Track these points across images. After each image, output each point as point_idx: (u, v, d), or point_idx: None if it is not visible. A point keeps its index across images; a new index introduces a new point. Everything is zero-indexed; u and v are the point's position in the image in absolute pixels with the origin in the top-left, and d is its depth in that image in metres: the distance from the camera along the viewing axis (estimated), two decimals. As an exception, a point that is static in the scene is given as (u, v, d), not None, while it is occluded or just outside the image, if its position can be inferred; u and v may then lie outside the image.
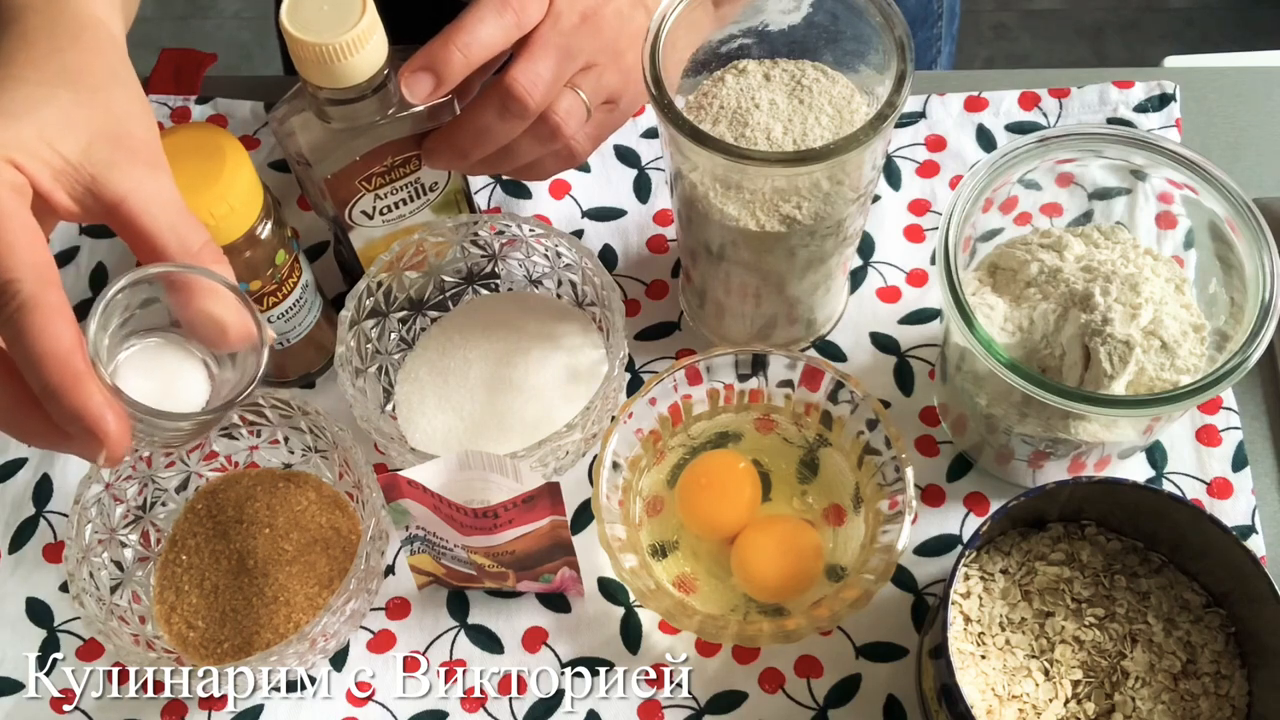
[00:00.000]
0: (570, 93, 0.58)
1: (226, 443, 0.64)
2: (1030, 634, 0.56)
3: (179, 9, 1.99)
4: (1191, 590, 0.56)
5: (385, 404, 0.66)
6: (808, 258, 0.60)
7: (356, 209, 0.62)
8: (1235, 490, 0.63)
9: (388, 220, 0.63)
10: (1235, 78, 0.76)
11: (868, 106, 0.59)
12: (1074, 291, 0.57)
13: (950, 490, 0.64)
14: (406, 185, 0.62)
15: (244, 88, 0.80)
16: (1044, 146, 0.57)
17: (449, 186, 0.64)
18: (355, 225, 0.63)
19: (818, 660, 0.60)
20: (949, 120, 0.75)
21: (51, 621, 0.63)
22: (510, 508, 0.54)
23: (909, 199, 0.73)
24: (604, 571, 0.62)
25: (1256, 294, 0.54)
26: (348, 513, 0.64)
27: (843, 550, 0.61)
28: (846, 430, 0.61)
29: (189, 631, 0.61)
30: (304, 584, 0.61)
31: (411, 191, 0.63)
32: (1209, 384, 0.52)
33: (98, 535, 0.60)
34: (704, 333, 0.69)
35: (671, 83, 0.56)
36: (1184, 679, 0.54)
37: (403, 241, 0.64)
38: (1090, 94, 0.74)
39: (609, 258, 0.72)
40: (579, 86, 0.59)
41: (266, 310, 0.62)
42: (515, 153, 0.60)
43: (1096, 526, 0.58)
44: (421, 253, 0.65)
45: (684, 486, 0.62)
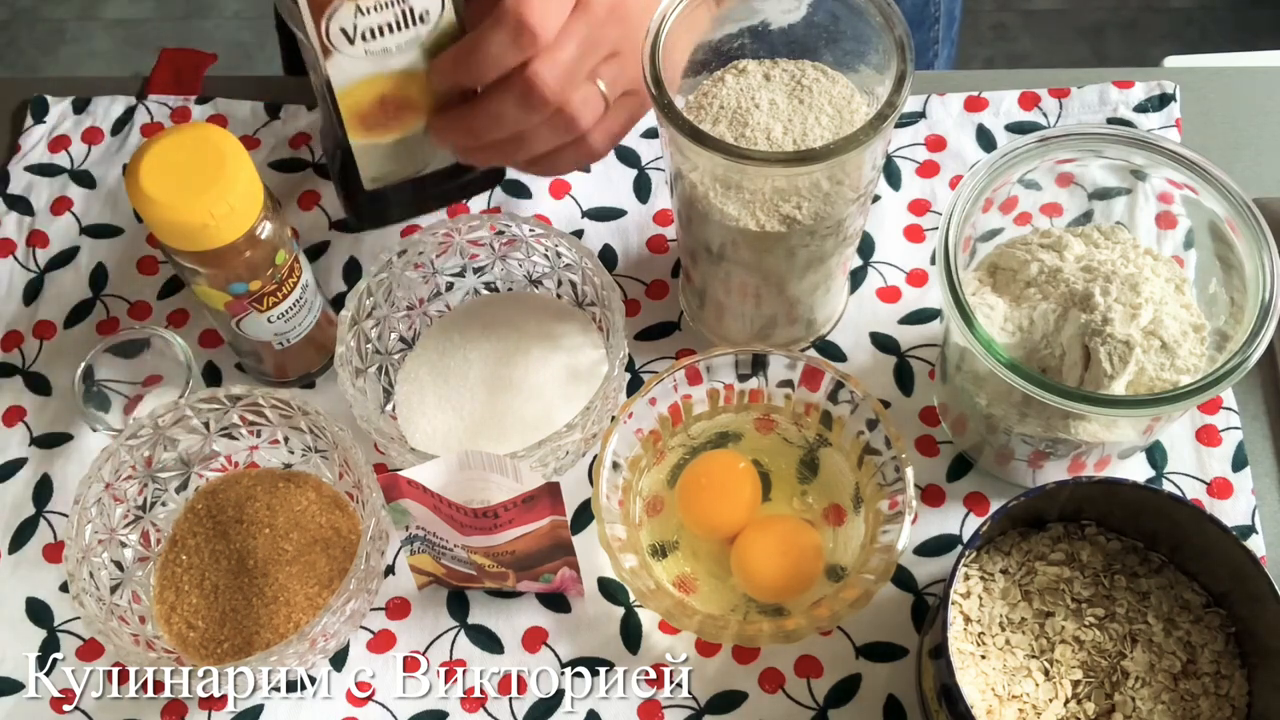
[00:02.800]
0: (589, 84, 0.57)
1: (226, 443, 0.64)
2: (1030, 634, 0.56)
3: (179, 9, 1.99)
4: (1191, 590, 0.56)
5: (385, 404, 0.66)
6: (808, 258, 0.60)
7: (335, 22, 0.54)
8: (1235, 490, 0.63)
9: (371, 53, 0.56)
10: (1235, 78, 0.76)
11: (868, 106, 0.59)
12: (1074, 291, 0.57)
13: (950, 490, 0.64)
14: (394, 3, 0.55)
15: (244, 88, 0.80)
16: (1044, 146, 0.57)
17: (442, 22, 0.56)
18: (334, 50, 0.55)
19: (818, 660, 0.60)
20: (949, 120, 0.75)
21: (51, 621, 0.63)
22: (510, 508, 0.54)
23: (909, 199, 0.73)
24: (604, 571, 0.62)
25: (1256, 294, 0.54)
26: (348, 513, 0.64)
27: (843, 550, 0.61)
28: (846, 430, 0.61)
29: (189, 631, 0.61)
30: (304, 584, 0.61)
31: (399, 13, 0.56)
32: (1209, 384, 0.52)
33: (98, 535, 0.60)
34: (704, 333, 0.69)
35: (672, 82, 0.56)
36: (1184, 679, 0.54)
37: (404, 241, 0.64)
38: (1090, 94, 0.74)
39: (609, 258, 0.72)
40: (600, 76, 0.57)
41: (266, 310, 0.62)
42: (529, 142, 0.58)
43: (1096, 526, 0.58)
44: (421, 253, 0.65)
45: (684, 486, 0.62)
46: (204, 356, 0.70)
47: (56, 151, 0.77)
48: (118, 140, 0.77)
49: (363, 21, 0.55)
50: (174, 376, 0.66)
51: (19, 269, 0.74)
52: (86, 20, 1.97)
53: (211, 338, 0.71)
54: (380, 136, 0.59)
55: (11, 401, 0.69)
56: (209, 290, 0.61)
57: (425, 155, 0.62)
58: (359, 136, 0.58)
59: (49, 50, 1.94)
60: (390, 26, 0.56)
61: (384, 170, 0.61)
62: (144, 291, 0.72)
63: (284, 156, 0.76)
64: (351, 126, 0.58)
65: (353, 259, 0.73)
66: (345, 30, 0.55)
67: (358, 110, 0.57)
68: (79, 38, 1.95)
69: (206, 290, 0.61)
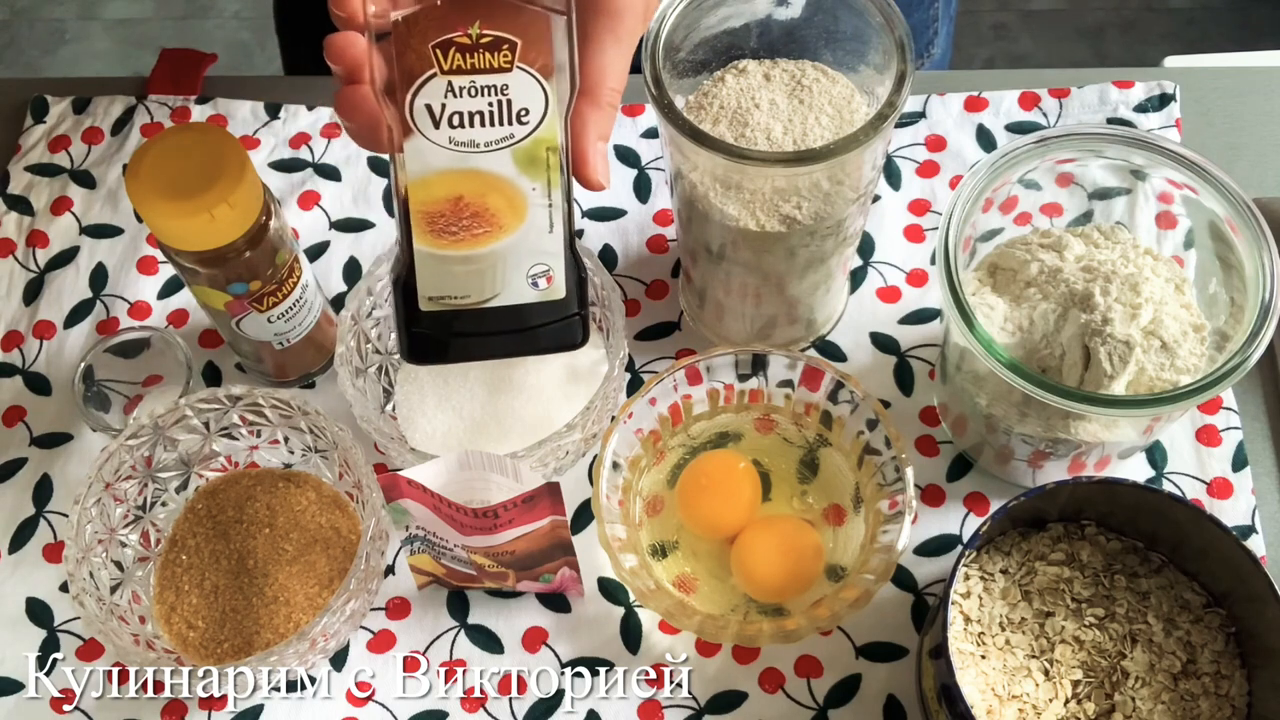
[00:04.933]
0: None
1: (226, 443, 0.64)
2: (1030, 634, 0.56)
3: (179, 9, 1.99)
4: (1191, 590, 0.56)
5: (385, 404, 0.66)
6: (808, 258, 0.60)
7: (421, 100, 0.48)
8: (1235, 490, 0.63)
9: (455, 144, 0.49)
10: (1235, 78, 0.76)
11: (868, 106, 0.59)
12: (1074, 291, 0.57)
13: (950, 490, 0.64)
14: (491, 90, 0.49)
15: (244, 88, 0.80)
16: (1044, 146, 0.57)
17: (543, 127, 0.49)
18: (415, 131, 0.49)
19: (818, 660, 0.60)
20: (949, 120, 0.75)
21: (51, 621, 0.63)
22: (510, 508, 0.54)
23: (909, 199, 0.73)
24: (604, 571, 0.62)
25: (1256, 294, 0.54)
26: (348, 513, 0.64)
27: (843, 550, 0.61)
28: (846, 430, 0.61)
29: (189, 631, 0.61)
30: (304, 584, 0.61)
31: (495, 105, 0.49)
32: (1209, 384, 0.52)
33: (98, 535, 0.60)
34: (704, 333, 0.69)
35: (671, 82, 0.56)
36: (1184, 679, 0.54)
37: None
38: (1090, 94, 0.74)
39: (609, 258, 0.72)
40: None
41: (266, 310, 0.62)
42: None
43: (1096, 526, 0.58)
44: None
45: (684, 486, 0.62)
46: (204, 356, 0.70)
47: (56, 151, 0.77)
48: (118, 140, 0.77)
49: (453, 103, 0.49)
50: (174, 376, 0.66)
51: (19, 269, 0.74)
52: (86, 20, 1.97)
53: (211, 338, 0.71)
54: (447, 247, 0.51)
55: (11, 401, 0.69)
56: (209, 290, 0.61)
57: (494, 283, 0.52)
58: (424, 241, 0.51)
59: (49, 50, 1.94)
60: (482, 117, 0.49)
61: (445, 288, 0.52)
62: (144, 291, 0.72)
63: (284, 156, 0.76)
64: (418, 226, 0.51)
65: (353, 259, 0.73)
66: (431, 109, 0.49)
67: (427, 208, 0.50)
68: (79, 38, 1.95)
69: (206, 290, 0.61)
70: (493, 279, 0.52)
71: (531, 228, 0.51)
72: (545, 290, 0.52)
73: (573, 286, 0.52)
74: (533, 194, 0.50)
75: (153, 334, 0.66)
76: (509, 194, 0.50)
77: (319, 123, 0.77)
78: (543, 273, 0.52)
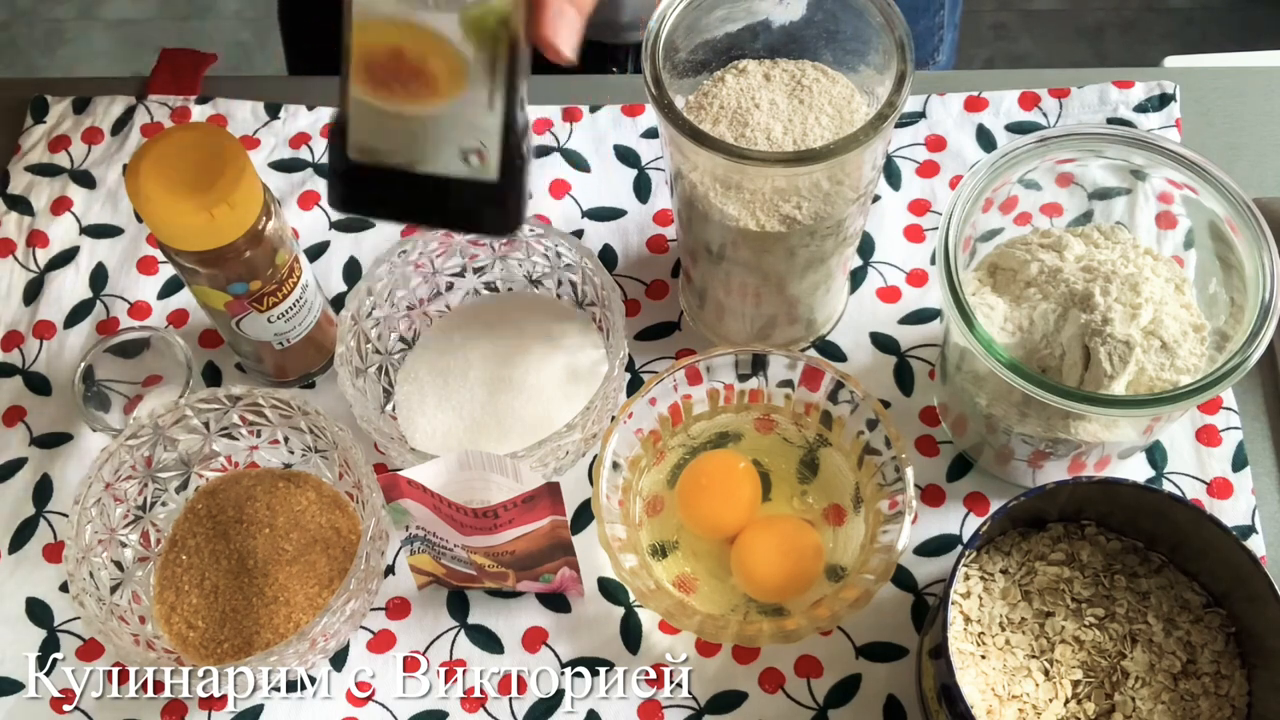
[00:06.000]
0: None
1: (226, 443, 0.64)
2: (1030, 634, 0.56)
3: (179, 9, 1.99)
4: (1191, 590, 0.56)
5: (385, 404, 0.66)
6: (808, 258, 0.60)
7: None
8: (1235, 490, 0.63)
9: None
10: (1235, 78, 0.76)
11: (868, 106, 0.59)
12: (1074, 291, 0.57)
13: (950, 490, 0.64)
14: None
15: (244, 88, 0.80)
16: (1044, 146, 0.57)
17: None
18: None
19: (818, 660, 0.60)
20: (949, 120, 0.75)
21: (51, 621, 0.63)
22: (510, 508, 0.54)
23: (909, 199, 0.73)
24: (604, 571, 0.62)
25: (1256, 294, 0.54)
26: (348, 513, 0.64)
27: (843, 550, 0.61)
28: (846, 430, 0.61)
29: (189, 631, 0.61)
30: (304, 584, 0.61)
31: None
32: (1209, 384, 0.52)
33: (98, 535, 0.60)
34: (704, 333, 0.69)
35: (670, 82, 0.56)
36: (1184, 679, 0.54)
37: (404, 241, 0.64)
38: (1090, 94, 0.74)
39: (609, 258, 0.72)
40: None
41: (266, 310, 0.62)
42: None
43: (1096, 526, 0.58)
44: (423, 255, 0.65)
45: (684, 486, 0.62)
46: (204, 356, 0.70)
47: (56, 151, 0.77)
48: (118, 140, 0.77)
49: None
50: (174, 376, 0.66)
51: (19, 269, 0.74)
52: (86, 20, 1.97)
53: (211, 338, 0.70)
54: (382, 99, 0.50)
55: (11, 401, 0.69)
56: (209, 290, 0.61)
57: (423, 149, 0.51)
58: (361, 89, 0.49)
59: (49, 50, 1.94)
60: None
61: (375, 141, 0.51)
62: (144, 291, 0.72)
63: (284, 156, 0.76)
64: (357, 71, 0.49)
65: (353, 259, 0.73)
66: None
67: (368, 54, 0.49)
68: (79, 38, 1.95)
69: (206, 290, 0.61)
70: (423, 143, 0.50)
71: (470, 100, 0.49)
72: (477, 168, 0.50)
73: (511, 173, 0.50)
74: (475, 65, 0.48)
75: (153, 334, 0.66)
76: (451, 60, 0.49)
77: (319, 123, 0.77)
78: (474, 149, 0.50)
